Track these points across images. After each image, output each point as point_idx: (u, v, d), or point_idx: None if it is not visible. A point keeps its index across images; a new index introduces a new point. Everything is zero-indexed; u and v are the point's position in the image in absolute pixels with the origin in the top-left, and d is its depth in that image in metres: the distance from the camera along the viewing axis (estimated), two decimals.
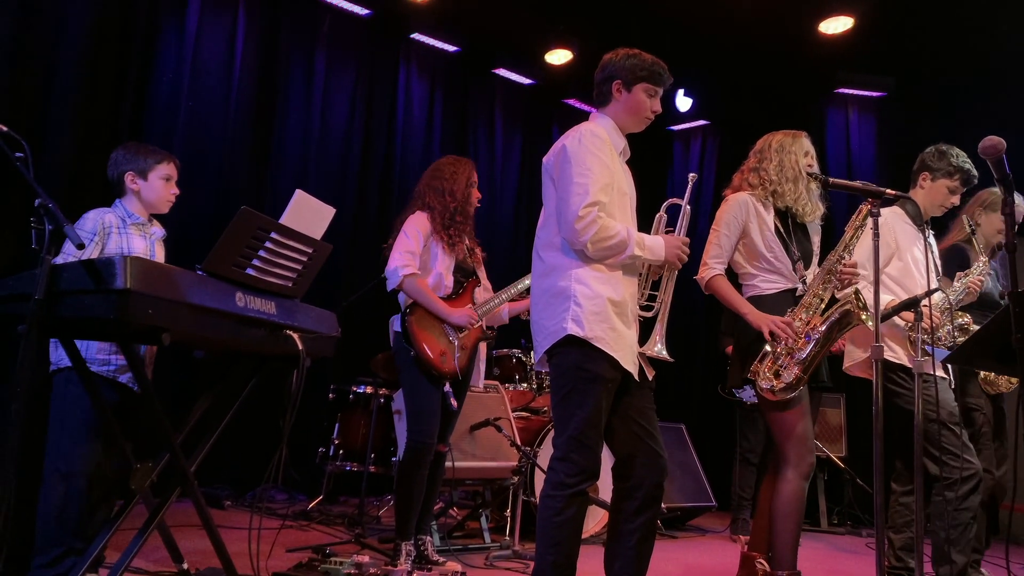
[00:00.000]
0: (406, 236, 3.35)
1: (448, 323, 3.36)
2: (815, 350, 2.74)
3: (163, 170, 2.71)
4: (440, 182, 3.45)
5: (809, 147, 3.00)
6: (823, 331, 2.74)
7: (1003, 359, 2.09)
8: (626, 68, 2.52)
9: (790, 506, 2.75)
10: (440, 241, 3.39)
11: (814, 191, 2.96)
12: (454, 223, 3.41)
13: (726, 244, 2.91)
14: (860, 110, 6.64)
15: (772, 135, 3.03)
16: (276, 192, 5.41)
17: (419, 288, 3.32)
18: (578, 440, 2.32)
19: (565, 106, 7.29)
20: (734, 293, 2.88)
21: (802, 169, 2.92)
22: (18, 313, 1.91)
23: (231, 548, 2.51)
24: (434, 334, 3.33)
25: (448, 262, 3.42)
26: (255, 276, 2.20)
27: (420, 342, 3.29)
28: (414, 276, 3.31)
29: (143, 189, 2.68)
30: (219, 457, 4.82)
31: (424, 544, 3.39)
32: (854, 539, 5.20)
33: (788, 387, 2.74)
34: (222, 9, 5.28)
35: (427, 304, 3.33)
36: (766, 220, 2.90)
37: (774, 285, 2.90)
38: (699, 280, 2.93)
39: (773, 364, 2.77)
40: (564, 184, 2.40)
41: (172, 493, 2.36)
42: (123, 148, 2.75)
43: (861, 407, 5.60)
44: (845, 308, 2.73)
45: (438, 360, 3.30)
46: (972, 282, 3.22)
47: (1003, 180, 2.11)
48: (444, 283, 3.41)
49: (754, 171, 2.98)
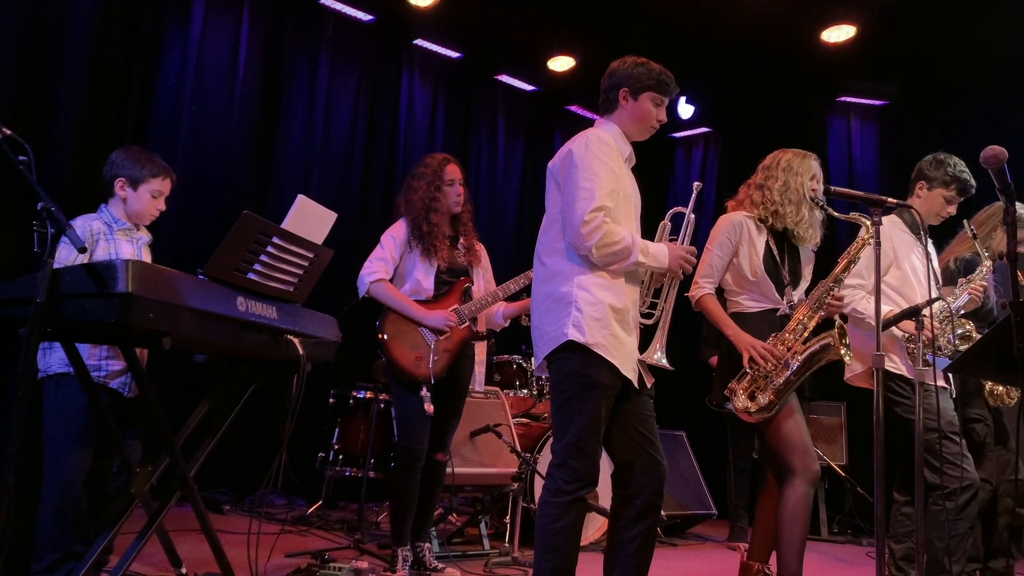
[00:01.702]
0: (380, 245, 3.40)
1: (424, 326, 3.33)
2: (792, 378, 2.77)
3: (155, 184, 2.66)
4: (410, 191, 3.44)
5: (817, 170, 2.99)
6: (801, 360, 2.77)
7: (1004, 368, 2.09)
8: (633, 76, 2.53)
9: (797, 512, 2.75)
10: (416, 247, 3.36)
11: (816, 216, 2.97)
12: (422, 230, 3.35)
13: (717, 264, 2.94)
14: (862, 118, 6.65)
15: (783, 153, 3.02)
16: (278, 197, 5.42)
17: (387, 293, 3.32)
18: (577, 447, 2.32)
19: (567, 113, 7.30)
20: (722, 313, 2.92)
21: (806, 193, 2.92)
22: (19, 316, 1.91)
23: (230, 553, 2.51)
24: (407, 339, 3.30)
25: (427, 267, 3.36)
26: (257, 281, 2.21)
27: (391, 348, 3.27)
28: (380, 281, 3.32)
29: (129, 198, 2.65)
30: (219, 461, 4.82)
31: (423, 551, 3.38)
32: (854, 548, 5.19)
33: (762, 410, 2.77)
34: (226, 14, 5.30)
35: (399, 308, 3.32)
36: (756, 244, 2.92)
37: (757, 304, 2.94)
38: (690, 297, 2.96)
39: (750, 385, 2.80)
40: (570, 189, 2.40)
41: (171, 497, 2.36)
42: (125, 151, 2.71)
43: (862, 415, 5.59)
44: (826, 342, 2.76)
45: (411, 365, 3.26)
46: (974, 288, 3.20)
47: (1004, 189, 2.12)
48: (423, 287, 3.37)
49: (759, 188, 2.99)
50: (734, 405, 2.81)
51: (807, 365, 2.78)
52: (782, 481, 2.82)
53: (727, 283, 3.00)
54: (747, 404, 2.78)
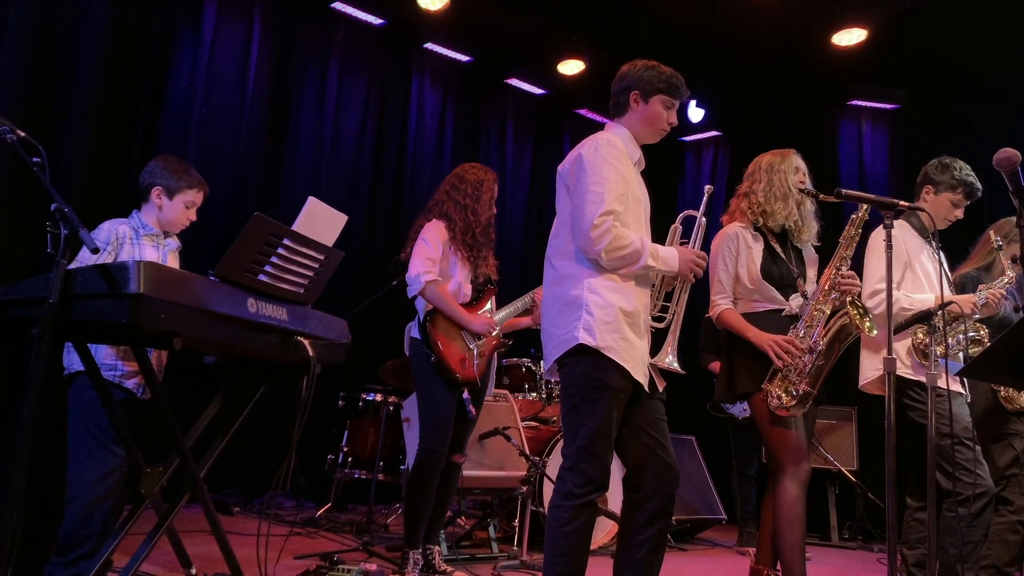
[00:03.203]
0: (425, 243, 3.34)
1: (468, 330, 3.37)
2: (820, 362, 2.78)
3: (189, 196, 2.71)
4: (463, 196, 3.43)
5: (799, 163, 3.02)
6: (825, 343, 2.78)
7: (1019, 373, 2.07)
8: (644, 79, 2.52)
9: (791, 514, 2.76)
10: (459, 252, 3.39)
11: (808, 208, 2.99)
12: (476, 242, 3.41)
13: (725, 278, 2.97)
14: (873, 122, 6.62)
15: (762, 156, 3.07)
16: (288, 199, 5.44)
17: (440, 295, 3.32)
18: (587, 450, 2.31)
19: (577, 116, 7.31)
20: (743, 322, 2.93)
21: (792, 186, 2.95)
22: (32, 317, 1.92)
23: (239, 554, 2.51)
24: (454, 340, 3.34)
25: (467, 271, 3.43)
26: (267, 282, 2.21)
27: (441, 348, 3.28)
28: (435, 282, 3.31)
29: (165, 207, 2.70)
30: (228, 463, 4.84)
31: (432, 553, 3.38)
32: (865, 554, 5.15)
33: (799, 402, 2.77)
34: (238, 18, 5.33)
35: (448, 311, 3.33)
36: (753, 252, 2.94)
37: (761, 305, 2.95)
38: (711, 318, 3.00)
39: (783, 381, 2.81)
40: (580, 192, 2.40)
41: (181, 498, 2.36)
42: (163, 161, 2.75)
43: (873, 420, 5.56)
44: (843, 321, 2.77)
45: (458, 366, 3.30)
46: (992, 294, 3.17)
47: (1018, 192, 2.10)
48: (463, 292, 3.43)
49: (745, 196, 3.03)
50: (770, 404, 2.80)
51: (833, 347, 2.79)
52: (774, 480, 2.84)
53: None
54: (783, 400, 2.78)
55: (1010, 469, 3.26)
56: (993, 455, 3.28)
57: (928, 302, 3.06)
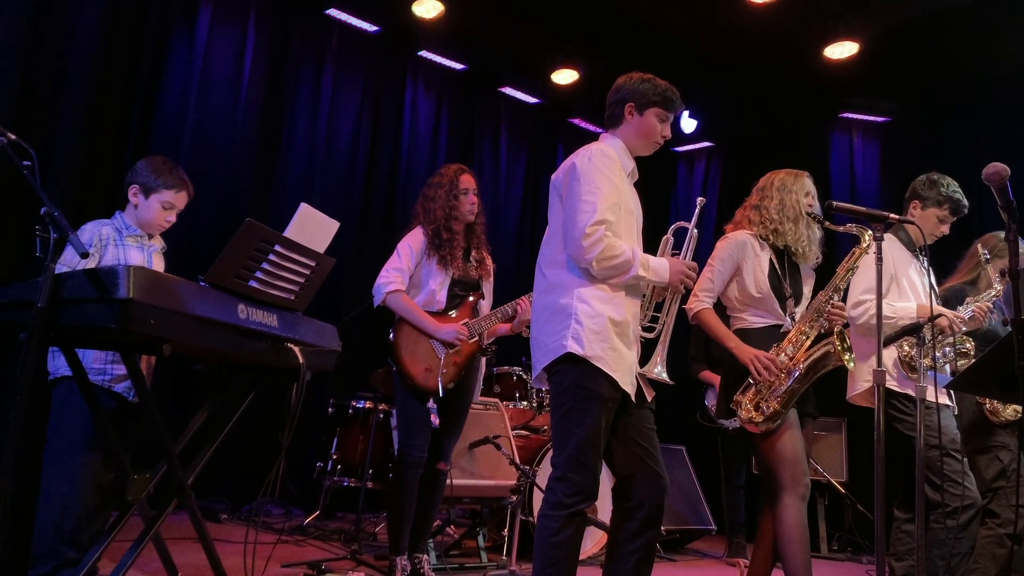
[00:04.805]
0: (397, 254, 3.40)
1: (435, 339, 3.35)
2: (795, 385, 2.79)
3: (167, 196, 2.67)
4: (429, 200, 3.46)
5: (811, 187, 3.04)
6: (804, 367, 2.79)
7: (1006, 386, 2.08)
8: (639, 92, 2.54)
9: (794, 532, 2.74)
10: (434, 256, 3.39)
11: (815, 233, 3.01)
12: (441, 238, 3.39)
13: (718, 280, 2.96)
14: (864, 134, 6.67)
15: (775, 173, 3.08)
16: (281, 205, 5.43)
17: (404, 304, 3.34)
18: (576, 460, 2.31)
19: (571, 125, 7.33)
20: (721, 326, 2.93)
21: (802, 210, 2.97)
22: (20, 320, 1.90)
23: (226, 562, 2.49)
24: (419, 350, 3.33)
25: (442, 278, 3.40)
26: (258, 288, 2.20)
27: (403, 358, 3.30)
28: (397, 292, 3.33)
29: (140, 205, 2.68)
30: (216, 470, 4.80)
31: (420, 562, 3.36)
32: (854, 566, 5.16)
33: (768, 419, 2.78)
34: (232, 23, 5.33)
35: (413, 320, 3.34)
36: (761, 262, 2.94)
37: (762, 320, 2.95)
38: (687, 310, 2.97)
39: (755, 396, 2.82)
40: (572, 201, 2.41)
41: (168, 505, 2.34)
42: (148, 161, 2.72)
43: (862, 432, 5.57)
44: (826, 349, 2.79)
45: (421, 376, 3.29)
46: (979, 307, 3.20)
47: (1007, 207, 2.12)
48: (436, 299, 3.40)
49: (755, 208, 3.03)
50: (740, 417, 2.81)
51: (810, 373, 2.80)
52: (773, 498, 2.81)
53: (730, 301, 3.01)
54: (752, 415, 2.79)
55: (997, 481, 3.28)
56: (979, 467, 3.29)
57: (910, 310, 3.09)
